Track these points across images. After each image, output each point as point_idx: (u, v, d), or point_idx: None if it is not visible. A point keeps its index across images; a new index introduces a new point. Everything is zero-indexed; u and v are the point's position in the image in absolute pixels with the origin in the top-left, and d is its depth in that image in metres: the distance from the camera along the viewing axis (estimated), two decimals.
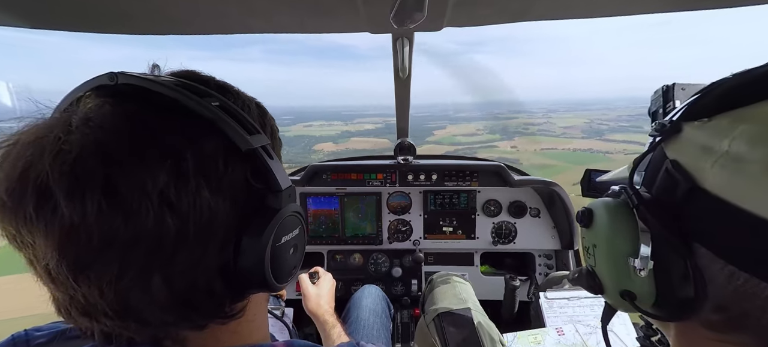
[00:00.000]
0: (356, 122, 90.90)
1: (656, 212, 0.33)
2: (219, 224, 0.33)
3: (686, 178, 0.30)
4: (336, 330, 0.99)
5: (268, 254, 0.36)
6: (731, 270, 0.28)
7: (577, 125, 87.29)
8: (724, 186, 0.28)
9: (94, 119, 0.30)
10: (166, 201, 0.30)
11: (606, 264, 0.38)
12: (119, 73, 0.34)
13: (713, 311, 0.31)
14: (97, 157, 0.29)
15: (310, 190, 1.73)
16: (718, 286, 0.30)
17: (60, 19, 0.72)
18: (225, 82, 0.42)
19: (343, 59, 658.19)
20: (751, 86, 0.30)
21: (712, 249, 0.30)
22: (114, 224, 0.28)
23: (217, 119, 0.34)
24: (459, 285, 1.18)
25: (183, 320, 0.34)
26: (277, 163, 0.37)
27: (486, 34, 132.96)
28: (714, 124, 0.30)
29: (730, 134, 0.28)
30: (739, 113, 0.29)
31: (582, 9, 0.72)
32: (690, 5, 0.70)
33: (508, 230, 1.73)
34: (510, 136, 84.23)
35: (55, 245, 0.29)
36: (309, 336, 1.58)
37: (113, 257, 0.29)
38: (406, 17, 0.67)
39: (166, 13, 0.72)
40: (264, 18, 0.75)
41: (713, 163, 0.28)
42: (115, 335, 0.33)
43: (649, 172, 0.37)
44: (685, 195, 0.31)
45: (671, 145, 0.34)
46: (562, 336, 1.06)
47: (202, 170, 0.31)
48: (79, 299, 0.31)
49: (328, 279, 1.18)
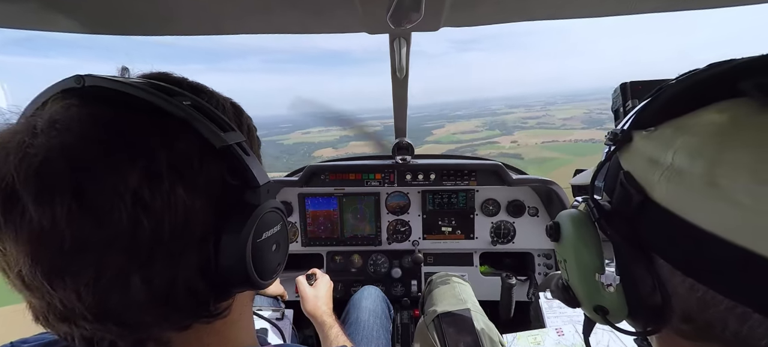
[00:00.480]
0: (355, 126, 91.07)
1: (615, 225, 0.34)
2: (196, 223, 0.32)
3: (638, 190, 0.31)
4: (333, 331, 0.99)
5: (249, 251, 0.35)
6: (691, 283, 0.28)
7: (577, 116, 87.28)
8: (670, 199, 0.28)
9: (60, 121, 0.30)
10: (140, 202, 0.29)
11: (577, 278, 0.38)
12: (86, 76, 0.33)
13: (682, 321, 0.31)
14: (65, 160, 0.28)
15: (308, 191, 1.73)
16: (681, 298, 0.30)
17: (53, 20, 0.71)
18: (198, 83, 0.42)
19: (339, 65, 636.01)
20: (691, 93, 0.30)
21: (670, 262, 0.30)
22: (86, 227, 0.28)
23: (189, 117, 0.33)
24: (458, 285, 1.18)
25: (165, 320, 0.34)
26: (253, 159, 0.37)
27: (479, 31, 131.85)
28: (659, 134, 0.30)
29: (673, 145, 0.28)
30: (681, 123, 0.29)
31: (579, 9, 0.71)
32: (690, 5, 0.70)
33: (506, 230, 1.73)
34: (509, 131, 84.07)
35: (27, 251, 0.28)
36: (309, 337, 1.58)
37: (89, 261, 0.29)
38: (403, 17, 0.67)
39: (162, 13, 0.72)
40: (261, 18, 0.75)
41: (660, 176, 0.29)
42: (96, 340, 0.33)
43: (608, 181, 0.37)
44: (638, 207, 0.31)
45: (624, 154, 0.34)
46: (561, 337, 1.06)
47: (176, 168, 0.31)
48: (57, 304, 0.30)
49: (325, 281, 1.18)
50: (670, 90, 0.32)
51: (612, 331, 1.03)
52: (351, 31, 0.81)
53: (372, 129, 1.64)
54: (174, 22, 0.76)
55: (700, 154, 0.26)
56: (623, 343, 0.95)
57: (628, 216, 0.32)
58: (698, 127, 0.27)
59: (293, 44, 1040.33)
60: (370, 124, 1.71)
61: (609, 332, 1.02)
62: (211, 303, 0.36)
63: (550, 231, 0.41)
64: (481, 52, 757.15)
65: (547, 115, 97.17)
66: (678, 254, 0.29)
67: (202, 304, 0.35)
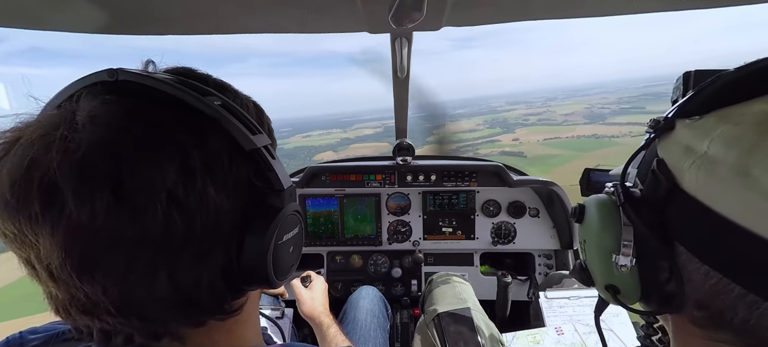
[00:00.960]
0: (355, 128, 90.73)
1: (640, 211, 0.34)
2: (224, 223, 0.33)
3: (668, 177, 0.31)
4: (332, 331, 0.99)
5: (271, 252, 0.36)
6: (706, 270, 0.29)
7: (578, 111, 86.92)
8: (698, 187, 0.28)
9: (100, 116, 0.30)
10: (174, 199, 0.30)
11: (594, 258, 0.39)
12: (119, 70, 0.33)
13: (695, 308, 0.32)
14: (106, 155, 0.28)
15: (309, 192, 1.73)
16: (695, 284, 0.31)
17: (55, 20, 0.71)
18: (222, 80, 0.42)
19: (338, 66, 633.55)
20: (742, 84, 0.29)
21: (689, 249, 0.30)
22: (122, 223, 0.28)
23: (220, 117, 0.34)
24: (459, 285, 1.18)
25: (184, 316, 0.34)
26: (278, 163, 0.37)
27: (478, 29, 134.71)
28: (702, 123, 0.30)
29: (711, 134, 0.28)
30: (725, 113, 0.29)
31: (580, 8, 0.72)
32: (690, 5, 0.70)
33: (507, 231, 1.73)
34: (511, 129, 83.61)
35: (61, 244, 0.28)
36: (307, 336, 1.58)
37: (120, 257, 0.29)
38: (405, 17, 0.67)
39: (163, 13, 0.72)
40: (262, 18, 0.75)
41: (691, 164, 0.29)
42: (114, 332, 0.33)
43: (642, 168, 0.38)
44: (666, 194, 0.31)
45: (663, 142, 0.34)
46: (561, 336, 1.06)
47: (209, 167, 0.32)
48: (81, 297, 0.31)
49: (321, 282, 1.18)
50: (724, 79, 0.31)
51: (610, 330, 1.03)
52: (352, 30, 0.82)
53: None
54: (174, 21, 0.77)
55: (738, 143, 0.26)
56: (623, 343, 0.95)
57: (654, 203, 0.33)
58: (742, 117, 0.27)
59: (293, 47, 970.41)
60: (370, 125, 1.71)
61: (607, 330, 1.02)
62: (228, 301, 0.37)
63: (575, 212, 0.43)
64: (480, 49, 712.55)
65: (548, 111, 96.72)
66: (697, 241, 0.29)
67: (220, 302, 0.36)
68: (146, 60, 0.39)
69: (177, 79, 0.36)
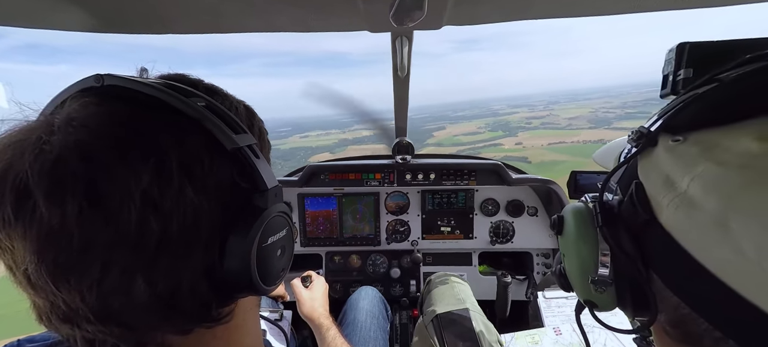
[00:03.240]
0: (353, 129, 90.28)
1: (617, 235, 0.34)
2: (203, 225, 0.32)
3: (645, 208, 0.31)
4: (331, 333, 0.99)
5: (254, 256, 0.35)
6: (677, 301, 0.29)
7: (583, 116, 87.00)
8: (675, 227, 0.28)
9: (77, 119, 0.30)
10: (150, 202, 0.29)
11: (574, 273, 0.40)
12: (105, 75, 0.33)
13: (667, 324, 0.33)
14: (79, 157, 0.28)
15: (307, 191, 1.72)
16: (668, 308, 0.31)
17: (55, 18, 0.70)
18: (214, 85, 0.42)
19: (338, 67, 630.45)
20: (735, 100, 0.28)
21: (662, 279, 0.31)
22: (95, 226, 0.28)
23: (202, 117, 0.33)
24: (457, 285, 1.17)
25: (167, 323, 0.33)
26: (263, 162, 0.37)
27: (479, 32, 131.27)
28: (684, 149, 0.28)
29: (693, 170, 0.27)
30: (710, 140, 0.27)
31: (582, 7, 0.72)
32: (690, 4, 0.70)
33: (506, 230, 1.73)
34: (513, 132, 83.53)
35: (35, 248, 0.28)
36: (307, 338, 1.58)
37: (94, 260, 0.29)
38: (406, 16, 0.67)
39: (164, 12, 0.71)
40: (263, 17, 0.74)
41: (670, 201, 0.28)
42: (98, 341, 0.32)
43: (622, 182, 0.37)
44: (643, 224, 0.31)
45: (644, 160, 0.33)
46: (559, 336, 1.06)
47: (186, 169, 0.31)
48: (60, 304, 0.30)
49: (321, 283, 1.18)
50: (714, 93, 0.29)
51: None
52: (353, 29, 0.81)
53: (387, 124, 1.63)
54: (175, 20, 0.76)
55: (718, 189, 0.25)
56: (621, 342, 0.95)
57: (631, 227, 0.33)
58: (727, 153, 0.25)
59: (292, 46, 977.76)
60: (369, 126, 1.71)
61: (606, 329, 1.02)
62: (213, 308, 0.35)
63: (554, 223, 0.42)
64: (481, 52, 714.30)
65: (551, 115, 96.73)
66: (671, 274, 0.30)
67: (204, 308, 0.35)
68: (140, 67, 0.39)
69: (163, 82, 0.36)
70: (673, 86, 0.42)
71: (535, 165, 26.67)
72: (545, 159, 44.18)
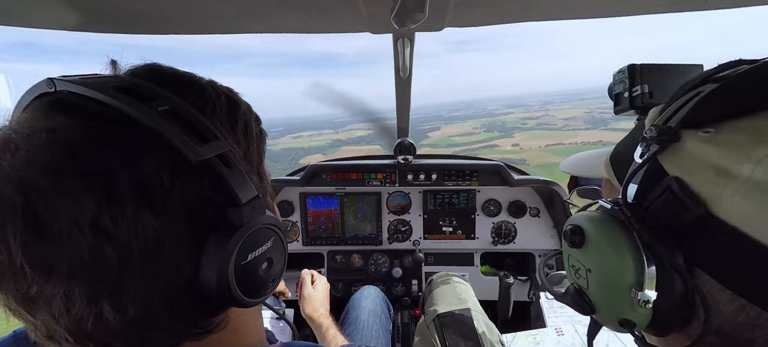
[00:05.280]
0: (347, 129, 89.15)
1: (660, 240, 0.30)
2: (170, 247, 0.29)
3: (697, 204, 0.27)
4: (331, 332, 1.00)
5: (232, 274, 0.32)
6: (742, 303, 0.26)
7: (578, 116, 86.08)
8: (745, 219, 0.25)
9: (14, 141, 0.27)
10: (101, 231, 0.26)
11: (603, 292, 0.36)
12: (58, 79, 0.30)
13: (712, 335, 0.29)
14: (14, 187, 0.25)
15: (309, 190, 1.73)
16: (721, 315, 0.28)
17: (51, 17, 0.71)
18: (191, 75, 0.37)
19: (332, 67, 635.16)
20: (764, 87, 0.26)
21: (721, 280, 0.27)
22: (45, 258, 0.26)
23: (160, 128, 0.29)
24: (459, 285, 1.18)
25: (149, 341, 0.31)
26: (237, 172, 0.32)
27: (472, 33, 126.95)
28: (726, 139, 0.26)
29: (753, 156, 0.24)
30: (752, 127, 0.25)
31: (582, 9, 0.72)
32: (691, 5, 0.70)
33: (507, 230, 1.73)
34: (509, 133, 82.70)
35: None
36: (307, 336, 1.58)
37: (54, 290, 0.27)
38: (407, 17, 0.67)
39: (163, 13, 0.72)
40: (264, 19, 0.75)
41: (734, 191, 0.25)
42: None
43: (645, 183, 0.33)
44: (694, 222, 0.28)
45: (669, 157, 0.31)
46: (561, 337, 1.06)
47: (142, 191, 0.28)
48: (40, 326, 0.29)
49: (323, 282, 1.18)
50: (738, 79, 0.27)
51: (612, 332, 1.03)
52: (354, 31, 0.81)
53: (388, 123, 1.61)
54: (174, 21, 0.76)
55: None
56: (623, 343, 0.95)
57: (675, 228, 0.29)
58: None
59: (285, 47, 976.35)
60: (363, 126, 1.70)
61: (607, 332, 1.02)
62: (201, 321, 0.33)
63: (572, 236, 0.37)
64: (474, 52, 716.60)
65: (546, 115, 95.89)
66: (735, 274, 0.26)
67: (188, 323, 0.33)
68: (110, 60, 0.36)
69: (125, 83, 0.32)
70: (631, 101, 0.46)
71: (535, 167, 26.34)
72: (544, 161, 43.53)
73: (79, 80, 0.31)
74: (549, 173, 1.65)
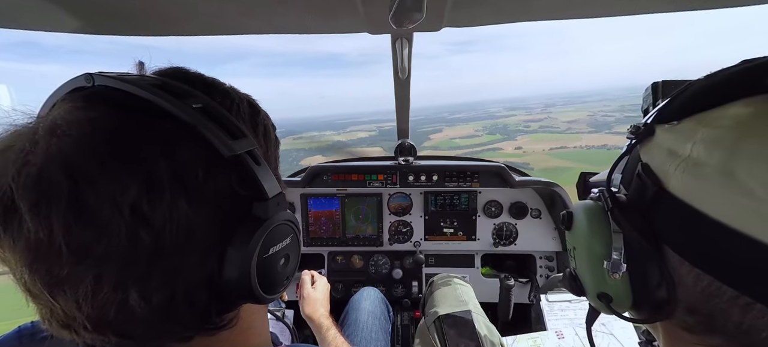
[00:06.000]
0: (349, 131, 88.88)
1: (628, 215, 0.34)
2: (199, 237, 0.31)
3: (654, 181, 0.31)
4: (331, 333, 0.99)
5: (254, 267, 0.33)
6: (697, 273, 0.29)
7: (581, 119, 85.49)
8: (685, 190, 0.29)
9: (61, 127, 0.28)
10: (139, 215, 0.28)
11: (584, 266, 0.39)
12: (96, 74, 0.32)
13: (686, 313, 0.32)
14: (62, 169, 0.27)
15: (310, 191, 1.73)
16: (687, 288, 0.31)
17: (53, 20, 0.71)
18: (215, 79, 0.40)
19: (334, 67, 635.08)
20: (717, 89, 0.30)
21: (679, 252, 0.30)
22: (84, 240, 0.27)
23: (196, 122, 0.31)
24: (460, 287, 1.17)
25: (166, 333, 0.33)
26: (264, 169, 0.35)
27: (474, 34, 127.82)
28: (681, 127, 0.31)
29: (693, 137, 0.29)
30: (702, 117, 0.29)
31: (581, 9, 0.71)
32: (691, 5, 0.70)
33: (508, 232, 1.72)
34: (511, 135, 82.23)
35: (25, 260, 0.28)
36: (307, 337, 1.58)
37: (85, 273, 0.28)
38: (405, 18, 0.67)
39: (164, 14, 0.72)
40: (263, 19, 0.75)
41: (676, 167, 0.29)
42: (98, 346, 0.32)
43: (626, 173, 0.38)
44: (652, 198, 0.32)
45: (645, 147, 0.35)
46: (561, 340, 1.06)
47: (179, 180, 0.29)
48: (59, 312, 0.30)
49: (323, 283, 1.18)
50: (697, 86, 0.32)
51: (611, 334, 1.02)
52: (353, 31, 0.82)
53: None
54: (175, 22, 0.77)
55: (719, 144, 0.26)
56: (622, 343, 0.94)
57: (642, 207, 0.33)
58: (721, 120, 0.28)
59: (288, 47, 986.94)
60: (364, 128, 1.71)
61: (608, 334, 1.01)
62: (213, 316, 0.34)
63: (563, 219, 0.42)
64: (476, 54, 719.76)
65: (548, 117, 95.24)
66: (687, 244, 0.30)
67: (203, 317, 0.34)
68: (137, 62, 0.37)
69: (157, 81, 0.34)
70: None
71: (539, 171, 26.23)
72: (549, 165, 43.16)
73: (117, 76, 0.32)
74: (555, 178, 1.64)
